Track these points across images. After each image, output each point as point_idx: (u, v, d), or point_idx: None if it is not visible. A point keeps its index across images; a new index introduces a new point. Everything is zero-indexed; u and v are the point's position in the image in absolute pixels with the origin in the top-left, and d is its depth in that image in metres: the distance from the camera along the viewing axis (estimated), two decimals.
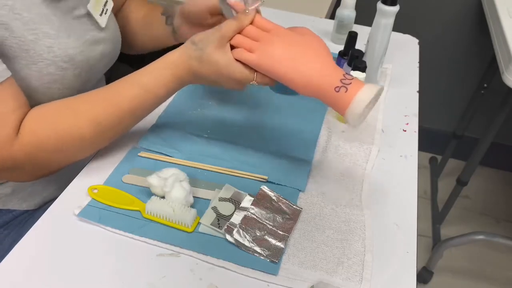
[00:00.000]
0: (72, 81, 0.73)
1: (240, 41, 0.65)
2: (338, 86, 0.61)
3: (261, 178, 0.73)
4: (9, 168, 0.66)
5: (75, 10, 0.75)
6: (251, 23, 0.66)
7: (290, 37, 0.65)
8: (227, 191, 0.70)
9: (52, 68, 0.70)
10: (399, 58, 1.07)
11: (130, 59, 1.03)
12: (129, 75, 0.69)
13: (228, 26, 0.65)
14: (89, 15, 0.77)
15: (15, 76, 0.66)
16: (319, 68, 0.62)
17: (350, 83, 0.61)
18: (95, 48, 0.78)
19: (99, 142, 0.71)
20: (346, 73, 0.62)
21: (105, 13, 0.80)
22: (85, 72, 0.76)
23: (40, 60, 0.68)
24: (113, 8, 0.83)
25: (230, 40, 0.65)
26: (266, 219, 0.66)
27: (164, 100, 0.72)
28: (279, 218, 0.66)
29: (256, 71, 0.65)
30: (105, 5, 0.80)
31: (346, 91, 0.60)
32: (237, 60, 0.64)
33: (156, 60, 0.68)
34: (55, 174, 0.73)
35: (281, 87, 0.70)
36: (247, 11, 0.65)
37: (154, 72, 0.68)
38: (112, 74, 0.95)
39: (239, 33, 0.66)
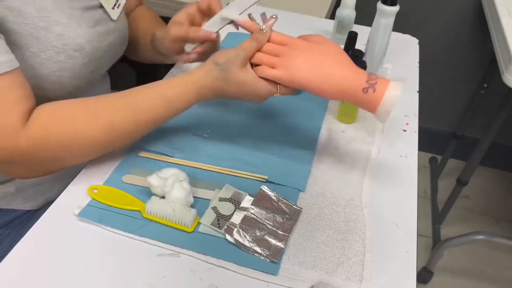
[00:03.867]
0: (81, 70, 0.74)
1: (261, 59, 0.68)
2: (365, 88, 0.64)
3: (261, 178, 0.73)
4: (9, 161, 0.64)
5: (88, 1, 0.75)
6: (268, 40, 0.69)
7: (309, 47, 0.68)
8: (227, 191, 0.70)
9: (62, 56, 0.70)
10: (399, 58, 1.07)
11: (130, 59, 1.03)
12: (150, 85, 0.70)
13: (248, 46, 0.68)
14: (101, 6, 0.78)
15: (25, 64, 0.67)
16: (344, 73, 0.65)
17: (376, 83, 0.64)
18: (104, 39, 0.79)
19: (109, 147, 0.70)
20: (369, 73, 0.65)
21: (118, 7, 0.81)
22: (93, 62, 0.76)
23: (50, 48, 0.69)
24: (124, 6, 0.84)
25: (250, 59, 0.68)
26: (266, 219, 0.66)
27: (181, 113, 0.72)
28: (279, 218, 0.66)
29: (279, 83, 0.67)
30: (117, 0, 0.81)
31: (374, 91, 0.64)
32: (260, 77, 0.67)
33: (180, 75, 0.70)
34: (59, 173, 0.72)
35: None
36: (264, 30, 0.69)
37: (178, 87, 0.69)
38: (112, 74, 0.95)
39: (258, 50, 0.68)
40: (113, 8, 0.80)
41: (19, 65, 0.64)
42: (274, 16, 0.70)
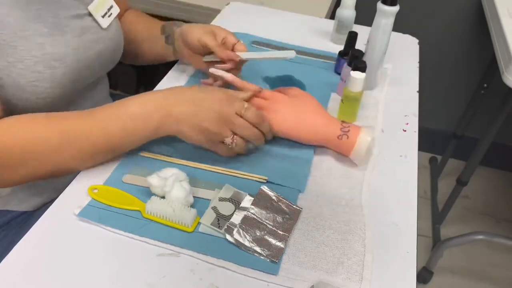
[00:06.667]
0: (62, 79, 0.73)
1: None
2: (340, 135, 0.75)
3: (261, 179, 0.73)
4: None
5: (75, 9, 0.75)
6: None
7: (289, 102, 0.77)
8: (227, 191, 0.70)
9: (40, 66, 0.69)
10: (399, 58, 1.07)
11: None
12: (120, 108, 0.67)
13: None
14: (90, 14, 0.78)
15: (1, 74, 0.67)
16: (320, 123, 0.76)
17: (349, 130, 0.75)
18: (93, 47, 0.78)
19: (66, 159, 0.68)
20: (343, 121, 0.76)
21: (109, 16, 0.81)
22: (76, 71, 0.75)
23: (28, 58, 0.68)
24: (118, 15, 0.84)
25: None
26: (266, 219, 0.66)
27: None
28: (279, 218, 0.66)
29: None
30: (109, 9, 0.81)
31: (347, 138, 0.74)
32: None
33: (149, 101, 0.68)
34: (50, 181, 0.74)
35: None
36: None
37: (143, 117, 0.67)
38: (112, 74, 0.95)
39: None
40: (103, 17, 0.80)
41: None
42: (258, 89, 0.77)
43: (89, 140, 0.67)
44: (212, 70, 0.81)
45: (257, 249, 0.62)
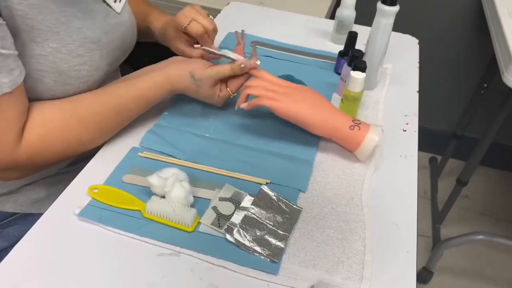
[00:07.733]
0: (99, 62, 0.76)
1: (263, 93, 0.78)
2: (352, 125, 0.76)
3: (263, 183, 0.73)
4: (6, 169, 0.67)
5: None
6: (260, 77, 0.79)
7: (301, 89, 0.79)
8: (227, 191, 0.70)
9: (81, 50, 0.72)
10: (399, 58, 1.07)
11: (130, 59, 1.03)
12: (133, 84, 0.75)
13: (223, 71, 0.78)
14: (104, 1, 0.79)
15: (46, 60, 0.68)
16: (333, 113, 0.77)
17: (360, 123, 0.76)
18: (116, 31, 0.80)
19: (98, 144, 0.76)
20: (352, 117, 0.77)
21: (120, 1, 0.82)
22: (109, 54, 0.78)
23: (71, 42, 0.70)
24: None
25: (220, 79, 0.79)
26: (266, 219, 0.66)
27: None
28: (279, 218, 0.67)
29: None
30: None
31: (359, 129, 0.75)
32: (257, 104, 0.77)
33: (157, 74, 0.77)
34: (43, 178, 0.78)
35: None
36: (242, 66, 0.78)
37: (154, 91, 0.77)
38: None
39: (255, 84, 0.78)
40: (115, 2, 0.81)
41: (21, 81, 0.65)
42: (258, 62, 0.80)
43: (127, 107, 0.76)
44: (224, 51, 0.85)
45: (257, 249, 0.62)
